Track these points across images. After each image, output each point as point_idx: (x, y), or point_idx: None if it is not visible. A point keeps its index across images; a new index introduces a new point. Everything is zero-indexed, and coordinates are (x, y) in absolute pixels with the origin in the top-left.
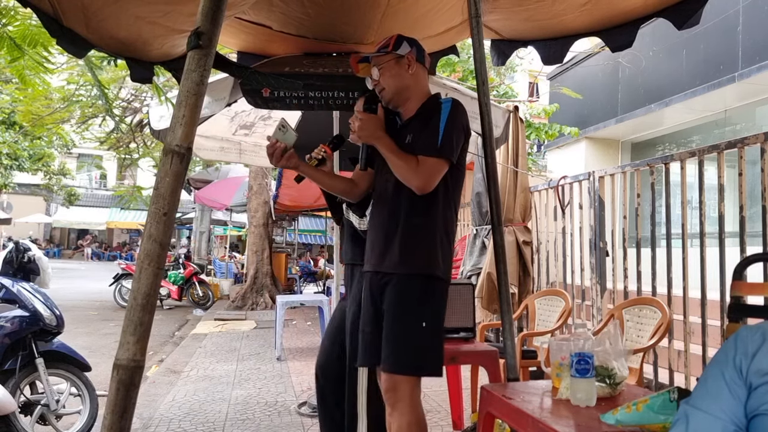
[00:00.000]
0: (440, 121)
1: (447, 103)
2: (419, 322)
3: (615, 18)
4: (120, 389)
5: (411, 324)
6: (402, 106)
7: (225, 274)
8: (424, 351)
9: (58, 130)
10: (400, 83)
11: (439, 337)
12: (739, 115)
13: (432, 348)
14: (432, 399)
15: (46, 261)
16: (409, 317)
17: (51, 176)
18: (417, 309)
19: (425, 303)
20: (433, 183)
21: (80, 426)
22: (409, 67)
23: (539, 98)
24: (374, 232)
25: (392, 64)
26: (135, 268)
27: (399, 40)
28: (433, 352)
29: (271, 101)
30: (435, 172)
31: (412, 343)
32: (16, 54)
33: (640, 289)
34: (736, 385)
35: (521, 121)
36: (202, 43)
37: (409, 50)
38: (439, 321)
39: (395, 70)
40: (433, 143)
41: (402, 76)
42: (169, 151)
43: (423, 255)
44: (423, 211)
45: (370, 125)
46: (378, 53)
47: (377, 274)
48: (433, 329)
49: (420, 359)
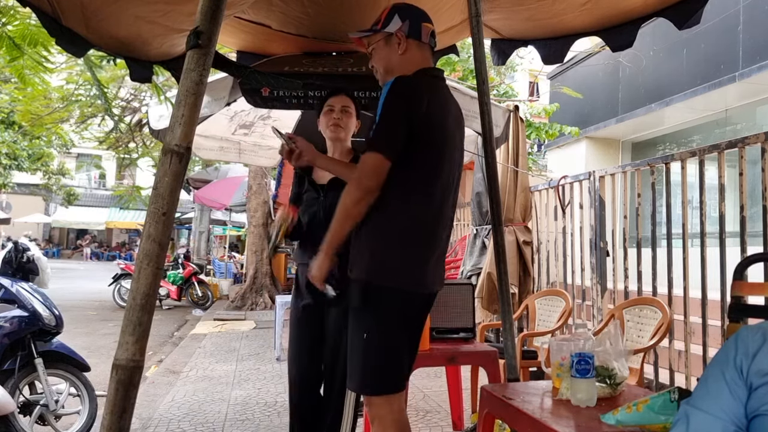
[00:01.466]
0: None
1: (387, 84)
2: (361, 333)
3: (615, 17)
4: (119, 389)
5: (354, 335)
6: None
7: (224, 274)
8: (369, 367)
9: (57, 129)
10: (387, 65)
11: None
12: (740, 115)
13: (377, 364)
14: (432, 399)
15: (45, 261)
16: (353, 327)
17: (50, 176)
18: (359, 318)
19: (366, 312)
20: (372, 180)
21: (79, 426)
22: (399, 45)
23: (539, 98)
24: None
25: (381, 45)
26: (134, 268)
27: (390, 13)
28: (378, 369)
29: (270, 101)
30: (368, 169)
31: (356, 358)
32: (16, 53)
33: (640, 289)
34: (737, 385)
35: (521, 120)
36: (202, 43)
37: (399, 26)
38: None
39: (384, 52)
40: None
41: (390, 58)
42: (168, 150)
43: (365, 260)
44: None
45: (310, 148)
46: (368, 32)
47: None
48: (378, 342)
49: (366, 377)
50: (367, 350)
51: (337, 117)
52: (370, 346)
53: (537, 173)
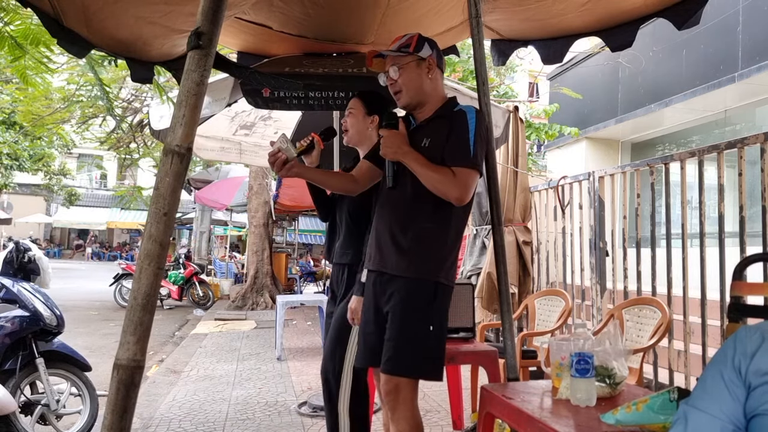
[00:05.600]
0: (469, 132)
1: (471, 113)
2: (427, 326)
3: (615, 18)
4: (120, 389)
5: (418, 327)
6: (418, 109)
7: (225, 274)
8: (430, 354)
9: (59, 130)
10: (419, 87)
11: (443, 342)
12: (739, 115)
13: (436, 352)
14: (432, 399)
15: (47, 261)
16: (417, 320)
17: (51, 176)
18: (425, 312)
19: (432, 307)
20: (470, 194)
21: (80, 426)
22: (429, 71)
23: (539, 98)
24: (382, 233)
25: (413, 66)
26: (135, 268)
27: (421, 40)
28: (437, 356)
29: (271, 101)
30: (471, 183)
31: (418, 345)
32: (18, 53)
33: (640, 289)
34: (735, 385)
35: (521, 121)
36: (202, 43)
37: (430, 53)
38: (443, 326)
39: (415, 73)
40: (466, 154)
41: (422, 80)
42: (169, 151)
43: (434, 261)
44: (438, 219)
45: (394, 141)
46: (399, 52)
47: (382, 275)
48: (439, 333)
49: (425, 362)
50: (430, 340)
51: (344, 121)
52: (433, 336)
53: (537, 174)
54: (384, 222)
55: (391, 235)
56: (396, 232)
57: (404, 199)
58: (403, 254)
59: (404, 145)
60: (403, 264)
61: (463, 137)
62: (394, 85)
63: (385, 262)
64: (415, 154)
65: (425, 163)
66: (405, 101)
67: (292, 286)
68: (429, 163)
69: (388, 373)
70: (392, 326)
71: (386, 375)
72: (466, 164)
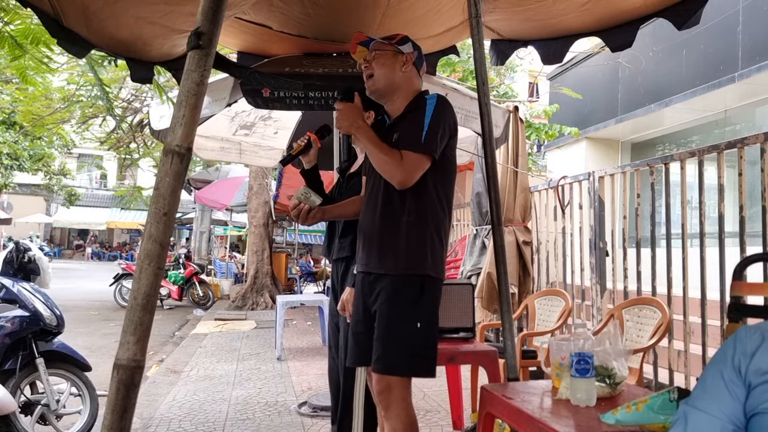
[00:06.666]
0: (425, 116)
1: (432, 98)
2: (414, 323)
3: (615, 18)
4: (120, 389)
5: (405, 324)
6: (387, 100)
7: (225, 274)
8: (419, 352)
9: (59, 130)
10: (390, 75)
11: (434, 338)
12: (739, 115)
13: (426, 348)
14: (432, 399)
15: (47, 261)
16: (404, 317)
17: (51, 176)
18: (411, 309)
19: (419, 303)
20: (414, 178)
21: (80, 426)
22: (404, 65)
23: (539, 98)
24: (365, 233)
25: (389, 56)
26: (135, 268)
27: (405, 39)
28: (427, 353)
29: (271, 101)
30: (417, 167)
31: (406, 343)
32: (18, 53)
33: (640, 289)
34: (735, 384)
35: (521, 121)
36: (202, 43)
37: (410, 51)
38: (433, 321)
39: (390, 62)
40: (416, 138)
41: (394, 71)
42: (169, 151)
43: (415, 254)
44: (414, 210)
45: (349, 114)
46: (381, 40)
47: (368, 274)
48: (428, 329)
49: (414, 360)
50: (418, 337)
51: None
52: (422, 333)
53: (537, 173)
54: (366, 222)
55: (371, 234)
56: (375, 231)
57: (380, 193)
58: (385, 251)
59: (359, 119)
60: (386, 261)
61: (417, 122)
62: (368, 69)
63: (369, 261)
64: (369, 131)
65: (377, 142)
66: (374, 87)
67: (292, 286)
68: (381, 143)
69: (379, 372)
70: (380, 325)
71: (377, 374)
72: (414, 149)
